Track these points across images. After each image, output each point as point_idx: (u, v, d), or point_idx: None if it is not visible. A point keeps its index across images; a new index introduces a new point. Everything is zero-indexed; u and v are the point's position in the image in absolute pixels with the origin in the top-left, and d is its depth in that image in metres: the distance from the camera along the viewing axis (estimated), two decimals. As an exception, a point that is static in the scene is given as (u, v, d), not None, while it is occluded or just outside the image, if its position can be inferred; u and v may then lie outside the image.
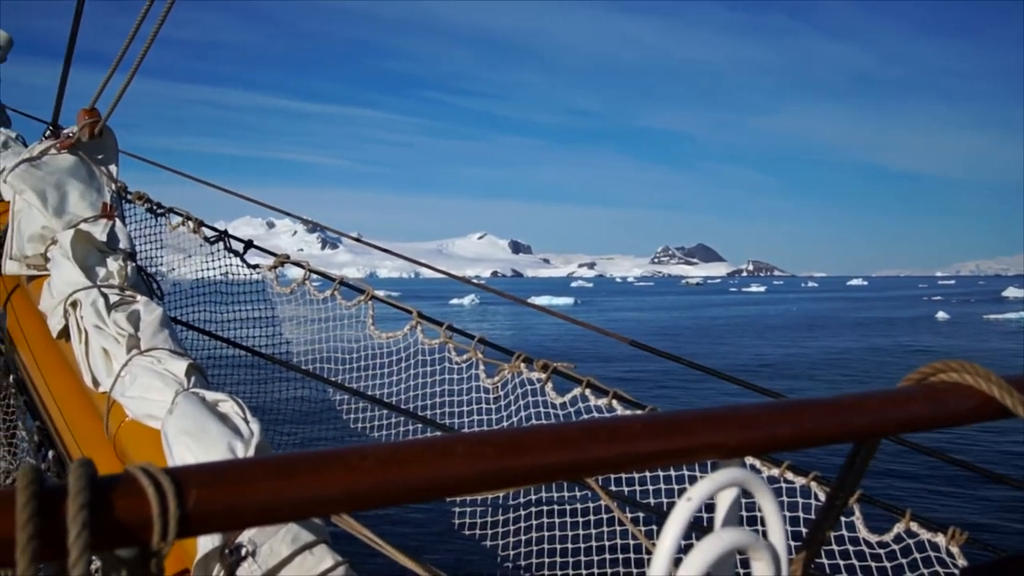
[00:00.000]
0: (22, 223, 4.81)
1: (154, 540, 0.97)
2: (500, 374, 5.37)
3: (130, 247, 4.72)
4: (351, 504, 1.08)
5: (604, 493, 5.02)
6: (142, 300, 4.26)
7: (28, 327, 5.04)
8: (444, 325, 5.58)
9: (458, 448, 1.14)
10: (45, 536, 0.90)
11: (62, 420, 4.46)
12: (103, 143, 5.10)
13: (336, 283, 5.94)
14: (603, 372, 5.67)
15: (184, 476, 0.99)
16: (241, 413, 3.48)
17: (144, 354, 3.89)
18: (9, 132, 6.54)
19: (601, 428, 1.24)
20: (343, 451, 1.10)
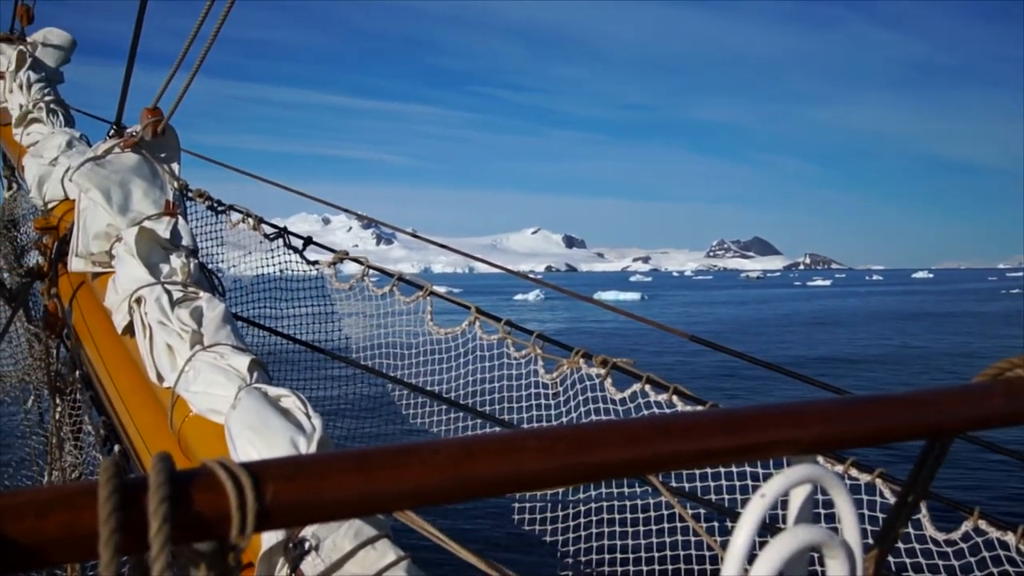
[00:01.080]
0: (87, 221, 4.88)
1: (232, 534, 0.98)
2: (559, 370, 5.35)
3: (192, 244, 4.77)
4: (425, 499, 1.08)
5: (665, 489, 4.99)
6: (205, 296, 4.31)
7: (93, 323, 5.11)
8: (502, 321, 5.57)
9: (530, 443, 1.14)
10: (127, 530, 0.91)
11: (127, 415, 4.53)
12: (165, 141, 5.17)
13: (395, 279, 5.97)
14: (663, 367, 5.62)
15: (261, 470, 1.00)
16: (303, 408, 3.51)
17: (207, 350, 3.93)
18: (73, 132, 6.66)
19: (675, 424, 1.23)
20: (417, 446, 1.11)
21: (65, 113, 7.27)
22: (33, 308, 7.42)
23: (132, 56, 5.16)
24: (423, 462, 1.08)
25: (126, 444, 4.64)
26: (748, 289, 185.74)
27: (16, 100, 7.38)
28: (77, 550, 0.93)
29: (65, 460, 6.39)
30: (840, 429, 1.37)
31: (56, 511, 0.92)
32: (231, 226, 6.42)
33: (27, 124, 7.13)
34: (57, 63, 7.94)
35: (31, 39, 8.03)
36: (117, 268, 4.60)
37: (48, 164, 6.10)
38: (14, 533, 0.89)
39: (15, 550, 0.89)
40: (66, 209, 5.68)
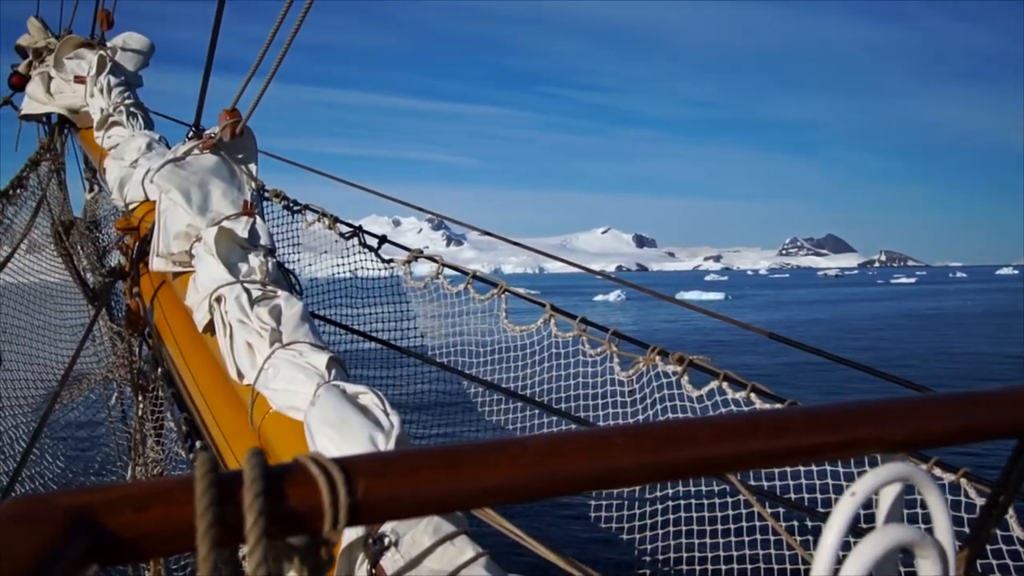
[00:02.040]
0: (168, 221, 4.96)
1: (325, 528, 0.99)
2: (635, 367, 5.33)
3: (270, 243, 4.83)
4: (513, 495, 1.08)
5: (743, 487, 4.94)
6: (283, 295, 4.36)
7: (174, 322, 5.20)
8: (577, 318, 5.56)
9: (618, 440, 1.13)
10: (223, 524, 0.93)
11: (208, 411, 4.59)
12: (243, 142, 5.24)
13: (469, 277, 5.99)
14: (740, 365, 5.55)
15: (352, 466, 1.00)
16: (381, 405, 3.52)
17: (286, 348, 3.97)
18: (153, 134, 6.77)
19: (764, 421, 1.22)
20: (504, 442, 1.11)
21: (144, 116, 7.39)
22: (115, 307, 7.57)
23: (210, 60, 5.24)
24: (511, 458, 1.08)
25: (207, 440, 4.71)
26: (831, 288, 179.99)
27: (97, 104, 7.52)
28: (174, 543, 0.94)
29: (147, 456, 6.51)
30: (930, 427, 1.34)
31: (154, 505, 0.93)
32: (307, 225, 6.49)
33: (108, 127, 7.26)
34: (136, 67, 8.08)
35: (111, 44, 8.18)
36: (197, 267, 4.67)
37: (129, 166, 6.20)
38: (113, 526, 0.91)
39: (114, 543, 0.91)
40: (147, 210, 5.77)
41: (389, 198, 7.82)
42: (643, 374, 5.35)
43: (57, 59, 8.33)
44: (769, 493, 5.11)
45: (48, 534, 0.86)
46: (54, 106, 8.35)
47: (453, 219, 7.36)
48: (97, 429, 8.25)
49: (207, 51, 5.16)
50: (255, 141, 5.34)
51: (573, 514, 11.96)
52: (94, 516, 0.91)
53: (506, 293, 5.84)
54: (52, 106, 8.36)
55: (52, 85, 8.38)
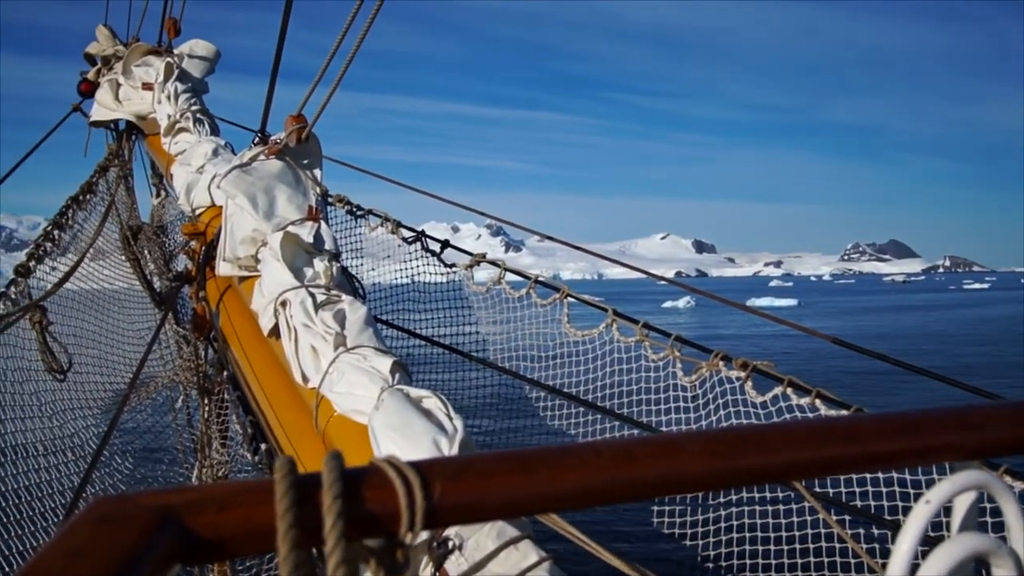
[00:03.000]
0: (234, 226, 5.01)
1: (402, 531, 1.00)
2: (698, 372, 5.29)
3: (335, 248, 4.86)
4: (586, 500, 1.09)
5: (808, 494, 4.89)
6: (347, 299, 4.38)
7: (239, 325, 5.25)
8: (640, 323, 5.54)
9: (690, 446, 1.13)
10: (302, 525, 0.94)
11: (273, 414, 4.63)
12: (309, 148, 5.28)
13: (531, 281, 6.00)
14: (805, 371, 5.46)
15: (429, 469, 1.01)
16: (444, 409, 3.53)
17: (350, 352, 3.99)
18: (219, 140, 6.86)
19: (836, 428, 1.21)
20: (577, 447, 1.11)
21: (211, 122, 7.49)
22: (181, 312, 7.68)
23: (276, 66, 5.30)
24: (584, 463, 1.08)
25: (272, 443, 4.76)
26: (902, 293, 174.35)
27: (164, 110, 7.64)
28: (255, 544, 0.96)
29: (212, 458, 6.58)
30: (1005, 434, 1.32)
31: (235, 506, 0.95)
32: (370, 230, 6.54)
33: (175, 133, 7.37)
34: (202, 74, 8.20)
35: (178, 51, 8.31)
36: (263, 272, 4.71)
37: (195, 172, 6.27)
38: (196, 526, 0.93)
39: (197, 543, 0.93)
40: (213, 215, 5.84)
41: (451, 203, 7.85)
42: (706, 379, 5.31)
43: (125, 66, 8.47)
44: (834, 499, 5.05)
45: (133, 533, 0.88)
46: (122, 113, 8.48)
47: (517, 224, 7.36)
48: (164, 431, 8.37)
49: (273, 58, 5.22)
50: (320, 147, 5.38)
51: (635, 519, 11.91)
52: (177, 516, 0.93)
53: (568, 298, 5.84)
54: (120, 113, 8.49)
55: (120, 92, 8.52)
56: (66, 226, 6.69)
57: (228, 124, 7.91)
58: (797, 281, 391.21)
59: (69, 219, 6.80)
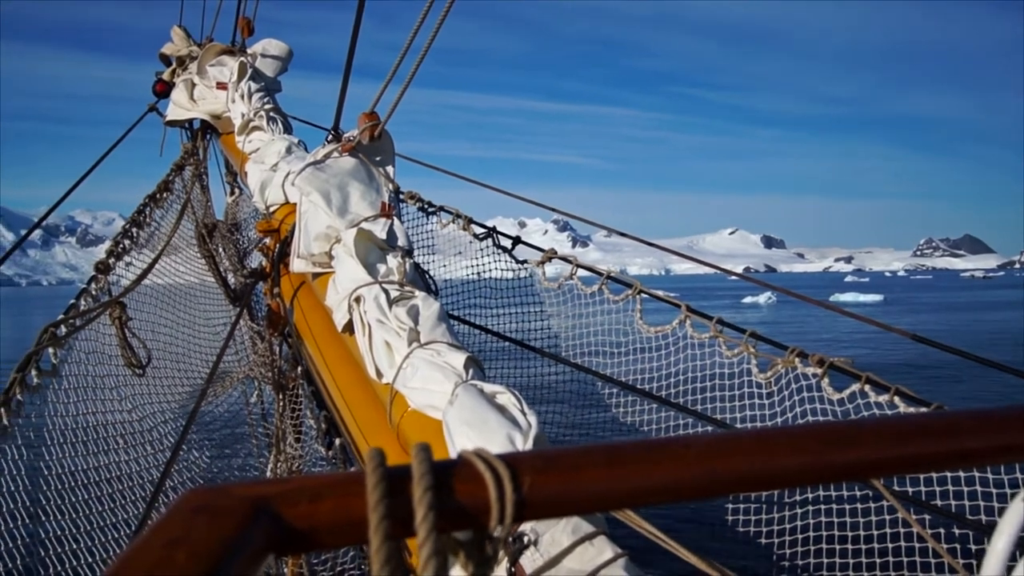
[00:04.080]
0: (308, 223, 5.05)
1: (491, 524, 0.99)
2: (773, 369, 5.23)
3: (408, 244, 4.88)
4: (676, 494, 1.07)
5: (887, 492, 4.80)
6: (420, 295, 4.40)
7: (313, 321, 5.30)
8: (714, 319, 5.48)
9: (781, 441, 1.12)
10: (393, 516, 0.94)
11: (347, 409, 4.67)
12: (381, 145, 5.31)
13: (604, 277, 5.97)
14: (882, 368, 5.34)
15: (518, 462, 1.01)
16: (518, 405, 3.53)
17: (424, 347, 4.01)
18: (292, 138, 6.93)
19: (933, 423, 1.19)
20: (666, 441, 1.10)
21: (284, 120, 7.57)
22: (255, 307, 7.77)
23: (348, 65, 5.32)
24: (674, 457, 1.07)
25: (346, 438, 4.79)
26: (987, 290, 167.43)
27: (238, 109, 7.74)
28: (347, 535, 0.96)
29: (286, 452, 6.65)
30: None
31: (327, 497, 0.95)
32: (441, 227, 6.57)
33: (249, 132, 7.46)
34: (275, 73, 8.29)
35: (251, 51, 8.41)
36: (337, 268, 4.74)
37: (269, 169, 6.34)
38: (289, 517, 0.93)
39: (290, 534, 0.93)
40: (286, 212, 5.90)
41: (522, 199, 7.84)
42: (781, 376, 5.24)
43: (200, 66, 8.60)
44: (913, 498, 4.96)
45: (229, 523, 0.89)
46: (197, 112, 8.62)
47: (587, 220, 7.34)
48: (239, 426, 8.49)
49: (346, 56, 5.25)
50: (392, 144, 5.41)
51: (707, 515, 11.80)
52: (271, 507, 0.93)
53: (641, 294, 5.81)
54: (195, 112, 8.63)
55: (195, 92, 8.66)
56: (144, 223, 6.81)
57: (300, 122, 7.99)
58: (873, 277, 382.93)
59: (147, 217, 6.92)
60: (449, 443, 3.48)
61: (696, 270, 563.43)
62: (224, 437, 8.11)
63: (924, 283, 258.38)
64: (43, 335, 4.56)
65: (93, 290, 5.44)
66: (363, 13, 5.01)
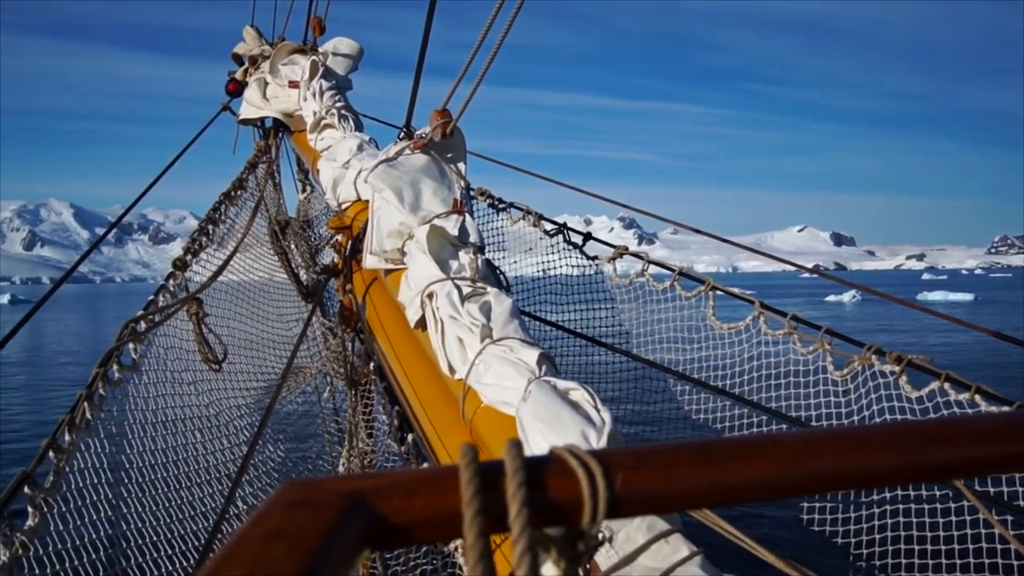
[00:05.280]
0: (381, 220, 5.08)
1: (584, 520, 0.99)
2: (849, 366, 5.16)
3: (479, 241, 4.88)
4: (768, 492, 1.07)
5: (968, 492, 4.72)
6: (492, 291, 4.40)
7: (385, 318, 5.33)
8: (788, 315, 5.43)
9: (876, 439, 1.10)
10: (487, 512, 0.94)
11: (419, 405, 4.69)
12: (453, 142, 5.33)
13: (676, 273, 5.94)
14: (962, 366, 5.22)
15: (611, 459, 1.01)
16: (592, 401, 3.52)
17: (497, 343, 4.01)
18: (363, 136, 6.99)
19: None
20: (756, 438, 1.10)
21: (355, 118, 7.63)
22: (327, 303, 7.85)
23: (420, 62, 5.35)
24: (765, 454, 1.06)
25: (418, 433, 4.82)
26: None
27: (310, 107, 7.83)
28: (441, 530, 0.97)
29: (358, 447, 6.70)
30: None
31: (422, 492, 0.96)
32: (512, 223, 6.58)
33: (320, 130, 7.54)
34: (346, 71, 8.37)
35: (322, 49, 8.50)
36: (409, 265, 4.77)
37: (341, 167, 6.39)
38: (385, 512, 0.94)
39: (386, 528, 0.94)
40: (358, 209, 5.94)
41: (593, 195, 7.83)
42: (858, 373, 5.17)
43: (272, 65, 8.71)
44: (995, 498, 4.86)
45: (327, 517, 0.90)
46: (270, 110, 8.73)
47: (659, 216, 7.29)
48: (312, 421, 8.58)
49: (418, 55, 5.28)
50: (464, 141, 5.43)
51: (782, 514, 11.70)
52: (366, 501, 0.94)
53: (713, 290, 5.77)
54: (268, 110, 8.74)
55: (268, 90, 8.77)
56: (220, 220, 6.90)
57: (371, 120, 8.06)
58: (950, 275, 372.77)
59: (222, 214, 7.02)
60: (523, 439, 3.48)
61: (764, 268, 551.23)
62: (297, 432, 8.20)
63: (1005, 281, 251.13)
64: (124, 331, 4.65)
65: (171, 286, 5.53)
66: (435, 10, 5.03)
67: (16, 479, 3.65)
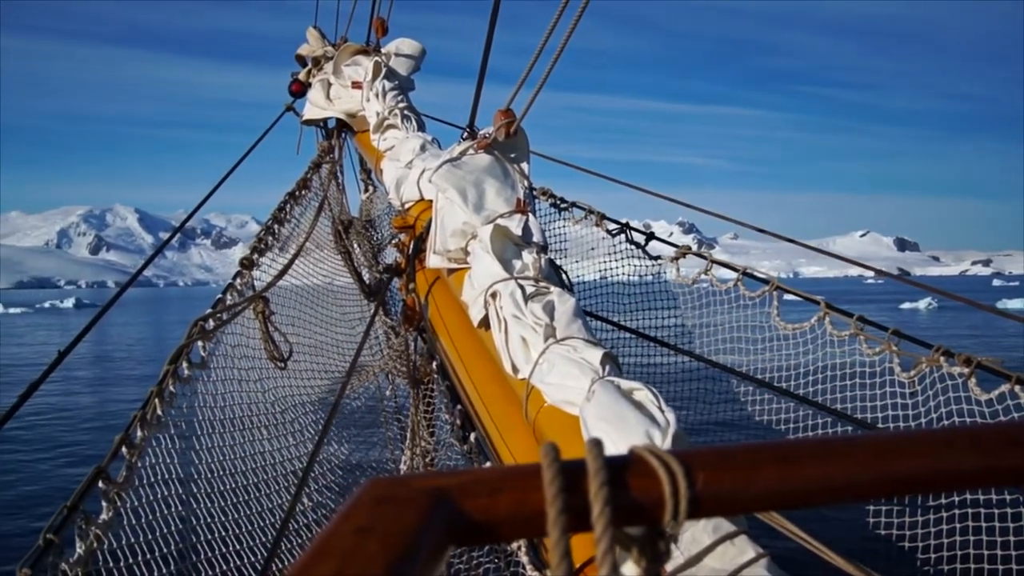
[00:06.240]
0: (445, 219, 5.11)
1: (665, 520, 1.00)
2: (917, 368, 5.09)
3: (542, 240, 4.89)
4: (850, 493, 1.06)
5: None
6: (556, 291, 4.39)
7: (448, 317, 5.36)
8: (855, 316, 5.37)
9: (959, 442, 1.09)
10: (569, 511, 0.95)
11: (482, 404, 4.70)
12: (517, 142, 5.34)
13: (740, 273, 5.92)
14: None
15: (691, 458, 1.01)
16: (656, 402, 3.50)
17: (560, 343, 4.00)
18: (426, 136, 7.02)
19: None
20: (835, 439, 1.09)
21: (417, 119, 7.68)
22: (389, 303, 7.89)
23: (484, 62, 5.38)
24: (846, 456, 1.06)
25: (480, 432, 4.83)
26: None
27: (373, 108, 7.88)
28: (524, 528, 0.98)
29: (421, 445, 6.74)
30: None
31: (505, 490, 0.97)
32: (574, 223, 6.58)
33: (384, 130, 7.59)
34: (409, 72, 8.42)
35: (385, 50, 8.56)
36: (473, 264, 4.78)
37: (404, 167, 6.43)
38: (469, 509, 0.95)
39: (470, 525, 0.95)
40: (421, 209, 5.97)
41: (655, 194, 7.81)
42: (925, 376, 5.11)
43: (336, 66, 8.78)
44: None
45: (413, 513, 0.91)
46: (333, 111, 8.80)
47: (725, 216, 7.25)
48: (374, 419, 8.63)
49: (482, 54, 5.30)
50: (527, 141, 5.43)
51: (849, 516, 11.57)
52: (451, 498, 0.95)
53: (777, 290, 5.72)
54: (331, 111, 8.82)
55: (331, 91, 8.85)
56: (285, 220, 6.97)
57: (434, 120, 8.10)
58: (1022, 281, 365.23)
59: (287, 213, 7.09)
60: (587, 439, 3.47)
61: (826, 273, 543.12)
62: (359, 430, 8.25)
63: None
64: (193, 329, 4.72)
65: (238, 285, 5.59)
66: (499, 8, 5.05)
67: (91, 474, 3.72)
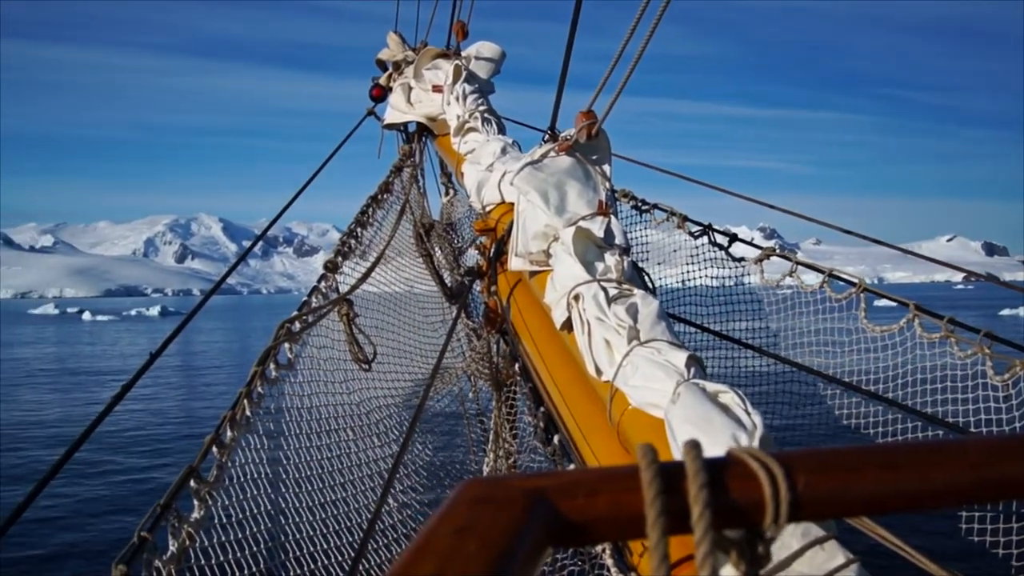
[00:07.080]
0: (526, 222, 5.11)
1: (766, 523, 0.99)
2: (1011, 371, 4.98)
3: (625, 243, 4.86)
4: (953, 498, 1.04)
5: None
6: (639, 293, 4.37)
7: (530, 319, 5.35)
8: (945, 319, 5.27)
9: (1064, 445, 1.07)
10: (669, 512, 0.95)
11: (565, 407, 4.69)
12: (598, 144, 5.32)
13: (826, 275, 5.84)
14: None
15: (792, 461, 1.00)
16: (742, 404, 3.47)
17: (644, 345, 3.98)
18: (506, 139, 7.04)
19: None
20: (939, 443, 1.07)
21: (497, 122, 7.70)
22: (471, 305, 7.93)
23: (566, 64, 5.38)
24: (951, 460, 1.04)
25: (564, 435, 4.82)
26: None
27: (453, 111, 7.92)
28: (623, 530, 0.97)
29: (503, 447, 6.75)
30: None
31: (603, 491, 0.97)
32: (656, 224, 6.55)
33: (464, 133, 7.63)
34: (489, 75, 8.45)
35: (465, 53, 8.60)
36: (555, 266, 4.78)
37: (485, 170, 6.45)
38: (567, 510, 0.95)
39: (569, 525, 0.95)
40: (503, 211, 5.98)
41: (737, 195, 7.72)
42: (1020, 379, 4.99)
43: (416, 70, 8.85)
44: None
45: (512, 515, 0.92)
46: (414, 115, 8.87)
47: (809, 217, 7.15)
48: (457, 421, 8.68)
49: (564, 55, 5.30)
50: (609, 142, 5.42)
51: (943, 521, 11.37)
52: (549, 499, 0.95)
53: (865, 292, 5.64)
54: (412, 115, 8.89)
55: (412, 95, 8.91)
56: (367, 223, 7.04)
57: (514, 123, 8.11)
58: None
59: (370, 217, 7.16)
60: (672, 442, 3.45)
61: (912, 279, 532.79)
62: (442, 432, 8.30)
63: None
64: (279, 331, 4.79)
65: (323, 288, 5.66)
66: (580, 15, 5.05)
67: (183, 473, 3.80)
